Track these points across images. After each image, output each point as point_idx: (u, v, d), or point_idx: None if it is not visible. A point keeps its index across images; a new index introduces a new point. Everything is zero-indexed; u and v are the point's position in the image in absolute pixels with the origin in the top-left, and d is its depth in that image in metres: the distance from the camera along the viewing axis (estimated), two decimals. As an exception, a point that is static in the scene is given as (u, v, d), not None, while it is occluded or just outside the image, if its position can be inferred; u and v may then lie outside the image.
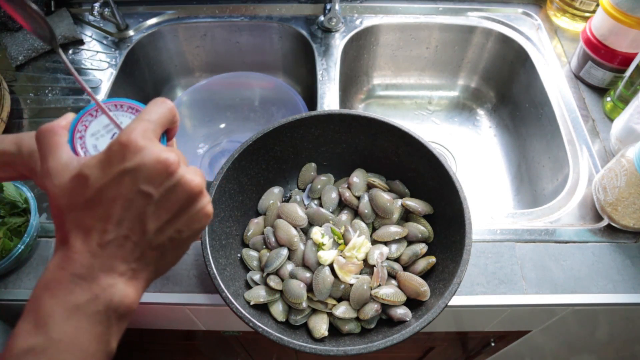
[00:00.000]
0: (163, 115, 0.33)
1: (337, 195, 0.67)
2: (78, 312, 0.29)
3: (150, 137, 0.31)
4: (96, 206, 0.30)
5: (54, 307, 0.29)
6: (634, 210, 0.64)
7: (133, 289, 0.31)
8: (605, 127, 0.81)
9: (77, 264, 0.30)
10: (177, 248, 0.33)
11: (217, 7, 1.01)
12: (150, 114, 0.33)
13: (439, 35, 1.01)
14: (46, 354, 0.28)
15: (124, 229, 0.30)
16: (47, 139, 0.33)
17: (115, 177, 0.30)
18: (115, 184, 0.30)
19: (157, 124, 0.33)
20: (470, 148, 1.02)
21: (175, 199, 0.31)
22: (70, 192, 0.31)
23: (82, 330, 0.29)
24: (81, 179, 0.30)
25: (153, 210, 0.31)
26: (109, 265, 0.30)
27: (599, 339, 0.92)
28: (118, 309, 0.31)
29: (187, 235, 0.33)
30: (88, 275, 0.30)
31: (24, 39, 0.92)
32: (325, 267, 0.58)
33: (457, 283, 0.53)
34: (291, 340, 0.51)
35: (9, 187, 0.66)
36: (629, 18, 0.76)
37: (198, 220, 0.33)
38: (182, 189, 0.31)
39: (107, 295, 0.30)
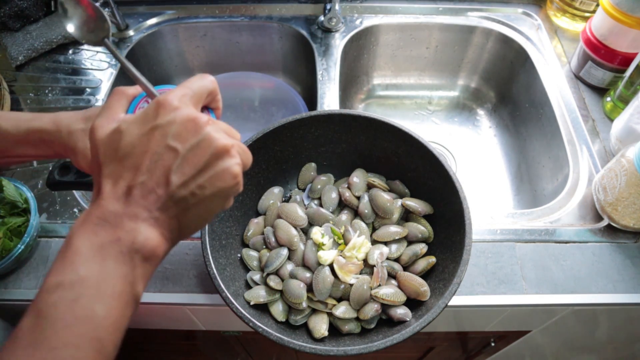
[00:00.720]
0: (203, 86, 0.36)
1: (337, 195, 0.67)
2: (103, 252, 0.31)
3: (185, 101, 0.34)
4: (127, 158, 0.32)
5: (81, 246, 0.31)
6: (634, 210, 0.64)
7: (156, 234, 0.33)
8: (605, 127, 0.81)
9: (104, 208, 0.32)
10: (199, 205, 0.34)
11: (217, 7, 1.01)
12: (190, 83, 0.36)
13: (439, 35, 1.01)
14: (74, 289, 0.30)
15: (150, 180, 0.32)
16: (110, 101, 0.37)
17: (147, 132, 0.32)
18: (146, 138, 0.32)
19: (196, 92, 0.35)
20: (470, 148, 1.02)
21: (200, 154, 0.32)
22: (107, 144, 0.33)
23: (107, 269, 0.31)
24: (117, 132, 0.33)
25: (178, 164, 0.32)
26: (133, 212, 0.32)
27: (599, 339, 0.92)
28: (141, 251, 0.32)
29: (209, 193, 0.33)
30: (112, 219, 0.32)
31: (24, 39, 0.92)
32: (325, 267, 0.58)
33: (457, 283, 0.53)
34: (291, 340, 0.51)
35: (9, 187, 0.66)
36: (629, 18, 0.76)
37: (222, 179, 0.33)
38: (207, 145, 0.32)
39: (130, 237, 0.31)
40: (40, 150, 0.47)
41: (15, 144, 0.46)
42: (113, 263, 0.31)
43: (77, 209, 0.72)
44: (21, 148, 0.47)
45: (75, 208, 0.72)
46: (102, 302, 0.30)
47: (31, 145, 0.47)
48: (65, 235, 0.69)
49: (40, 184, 0.75)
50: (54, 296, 0.30)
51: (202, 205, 0.34)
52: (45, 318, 0.29)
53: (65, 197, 0.73)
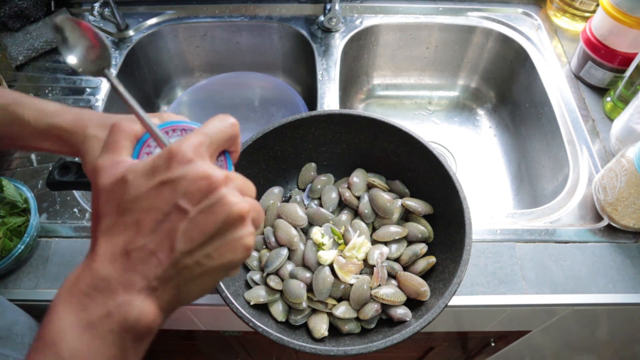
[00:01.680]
0: (223, 131, 0.31)
1: (337, 195, 0.67)
2: (91, 331, 0.27)
3: (201, 152, 0.29)
4: (129, 213, 0.28)
5: (66, 323, 0.27)
6: (634, 210, 0.64)
7: (152, 308, 0.28)
8: (605, 127, 0.81)
9: (95, 273, 0.28)
10: (204, 276, 0.29)
11: (217, 7, 1.01)
12: (209, 128, 0.31)
13: (439, 35, 1.01)
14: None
15: (152, 243, 0.28)
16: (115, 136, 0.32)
17: (154, 187, 0.28)
18: (153, 194, 0.28)
19: (214, 140, 0.30)
20: (470, 148, 1.02)
21: (211, 219, 0.28)
22: (109, 194, 0.29)
23: (94, 352, 0.27)
24: (122, 183, 0.28)
25: (186, 228, 0.28)
26: (129, 279, 0.28)
27: (599, 339, 0.92)
28: (134, 329, 0.28)
29: (216, 264, 0.29)
30: (105, 288, 0.27)
31: (24, 39, 0.92)
32: (325, 267, 0.58)
33: (457, 283, 0.53)
34: (291, 340, 0.51)
35: (9, 187, 0.66)
36: (629, 18, 0.76)
37: (232, 250, 0.29)
38: (220, 210, 0.28)
39: (122, 313, 0.27)
40: (57, 146, 0.46)
41: (33, 136, 0.46)
42: (101, 345, 0.27)
43: (77, 209, 0.72)
44: (39, 141, 0.46)
45: (75, 208, 0.72)
46: None
47: (49, 140, 0.46)
48: (65, 235, 0.69)
49: (40, 184, 0.75)
50: None
51: (207, 275, 0.29)
52: None
53: (65, 197, 0.73)
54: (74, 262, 0.66)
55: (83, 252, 0.67)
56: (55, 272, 0.65)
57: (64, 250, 0.67)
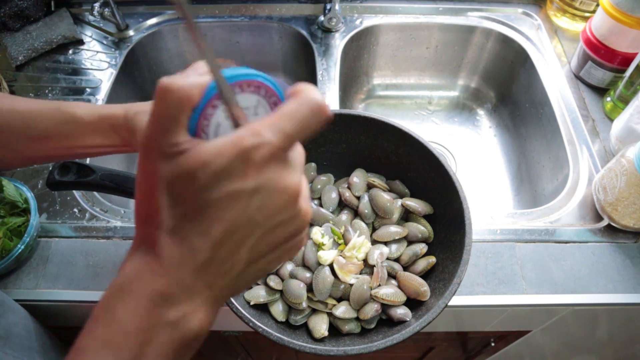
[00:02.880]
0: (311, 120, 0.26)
1: (337, 195, 0.67)
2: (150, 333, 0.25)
3: (279, 156, 0.25)
4: (198, 218, 0.25)
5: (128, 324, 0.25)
6: (634, 210, 0.64)
7: (212, 316, 0.27)
8: (605, 127, 0.81)
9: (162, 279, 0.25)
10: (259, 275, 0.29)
11: (217, 7, 1.01)
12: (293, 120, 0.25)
13: (439, 35, 1.01)
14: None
15: (222, 252, 0.26)
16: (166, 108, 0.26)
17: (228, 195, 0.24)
18: (225, 203, 0.25)
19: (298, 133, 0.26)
20: (470, 148, 1.02)
21: (281, 232, 0.27)
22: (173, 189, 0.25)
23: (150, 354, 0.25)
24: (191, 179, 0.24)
25: (256, 240, 0.26)
26: (196, 289, 0.26)
27: (599, 339, 0.92)
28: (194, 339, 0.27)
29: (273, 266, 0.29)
30: (171, 296, 0.25)
31: (24, 39, 0.92)
32: (325, 267, 0.58)
33: (457, 283, 0.53)
34: (291, 340, 0.51)
35: (9, 187, 0.66)
36: (629, 18, 0.76)
37: (292, 252, 0.29)
38: (294, 224, 0.27)
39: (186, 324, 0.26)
40: (109, 139, 0.46)
41: (87, 132, 0.46)
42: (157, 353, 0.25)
43: (77, 209, 0.72)
44: (92, 136, 0.46)
45: (75, 208, 0.72)
46: None
47: (102, 133, 0.46)
48: (65, 235, 0.69)
49: (40, 184, 0.75)
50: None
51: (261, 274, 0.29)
52: None
53: (65, 197, 0.73)
54: (74, 262, 0.66)
55: (83, 252, 0.67)
56: (55, 272, 0.65)
57: (64, 250, 0.67)
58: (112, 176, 0.59)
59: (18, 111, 0.45)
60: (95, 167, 0.59)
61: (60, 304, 0.64)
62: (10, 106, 0.45)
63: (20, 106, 0.45)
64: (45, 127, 0.45)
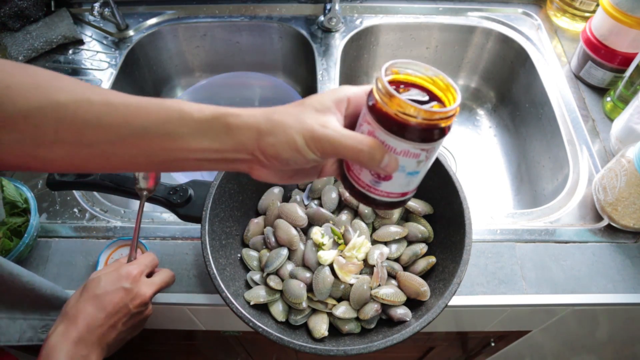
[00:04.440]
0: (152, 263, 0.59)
1: (337, 195, 0.67)
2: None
3: (145, 281, 0.56)
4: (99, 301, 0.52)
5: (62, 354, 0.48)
6: (634, 210, 0.64)
7: (101, 356, 0.52)
8: (605, 127, 0.81)
9: (80, 333, 0.50)
10: (126, 336, 0.56)
11: (217, 7, 1.01)
12: (162, 282, 0.58)
13: (439, 35, 1.01)
14: None
15: (111, 321, 0.52)
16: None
17: (117, 290, 0.53)
18: (115, 294, 0.53)
19: (148, 267, 0.58)
20: (470, 148, 1.02)
21: (140, 316, 0.56)
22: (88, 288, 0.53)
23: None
24: (94, 280, 0.54)
25: (127, 318, 0.53)
26: (98, 340, 0.51)
27: (599, 339, 0.92)
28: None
29: (135, 331, 0.58)
30: (85, 341, 0.50)
31: (24, 39, 0.92)
32: (325, 267, 0.58)
33: (457, 283, 0.53)
34: (291, 340, 0.51)
35: (9, 187, 0.66)
36: (629, 18, 0.76)
37: (144, 322, 0.58)
38: (145, 311, 0.56)
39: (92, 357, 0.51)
40: (219, 143, 0.37)
41: (193, 131, 0.37)
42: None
43: (77, 209, 0.72)
44: (199, 138, 0.37)
45: (75, 208, 0.72)
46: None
47: (211, 134, 0.37)
48: (65, 235, 0.69)
49: (40, 184, 0.75)
50: None
51: (128, 336, 0.57)
52: None
53: (65, 197, 0.73)
54: (73, 262, 0.66)
55: (83, 252, 0.67)
56: (55, 272, 0.65)
57: (64, 250, 0.67)
58: (112, 176, 0.59)
59: (112, 104, 0.36)
60: (95, 167, 0.59)
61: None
62: (104, 98, 0.37)
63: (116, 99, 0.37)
64: (143, 125, 0.36)
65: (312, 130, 0.35)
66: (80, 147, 0.37)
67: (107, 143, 0.37)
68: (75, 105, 0.36)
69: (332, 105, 0.37)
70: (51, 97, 0.35)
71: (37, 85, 0.35)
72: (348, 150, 0.35)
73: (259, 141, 0.36)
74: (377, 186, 0.38)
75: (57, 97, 0.35)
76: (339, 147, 0.35)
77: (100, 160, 0.38)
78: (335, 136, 0.35)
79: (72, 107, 0.35)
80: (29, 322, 0.58)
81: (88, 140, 0.36)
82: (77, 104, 0.36)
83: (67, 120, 0.35)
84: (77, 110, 0.36)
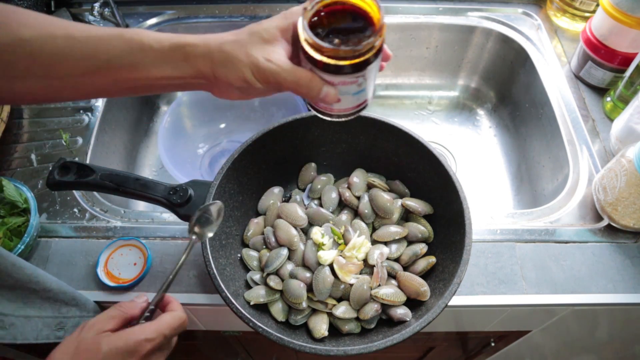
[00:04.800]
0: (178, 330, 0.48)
1: (337, 195, 0.67)
2: None
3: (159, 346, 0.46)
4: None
5: None
6: (634, 210, 0.64)
7: None
8: (605, 127, 0.81)
9: None
10: None
11: (217, 7, 1.01)
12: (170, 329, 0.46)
13: (439, 35, 1.01)
14: None
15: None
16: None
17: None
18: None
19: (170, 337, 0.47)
20: (470, 148, 1.02)
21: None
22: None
23: None
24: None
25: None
26: None
27: (599, 339, 0.92)
28: None
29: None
30: None
31: (24, 39, 0.92)
32: (325, 267, 0.58)
33: (457, 283, 0.53)
34: (291, 340, 0.51)
35: (9, 187, 0.66)
36: (629, 18, 0.76)
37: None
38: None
39: None
40: (178, 71, 0.41)
41: (155, 62, 0.41)
42: None
43: (77, 209, 0.72)
44: (161, 67, 0.41)
45: (75, 208, 0.72)
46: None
47: (172, 63, 0.41)
48: (65, 235, 0.69)
49: (40, 184, 0.75)
50: None
51: None
52: None
53: (65, 197, 0.73)
54: (73, 262, 0.66)
55: (83, 252, 0.67)
56: (55, 272, 0.65)
57: (64, 250, 0.67)
58: (112, 176, 0.59)
59: (76, 38, 0.39)
60: (95, 167, 0.59)
61: (60, 304, 0.64)
62: (66, 32, 0.39)
63: (78, 33, 0.40)
64: (107, 57, 0.40)
65: (257, 64, 0.39)
66: (51, 80, 0.40)
67: (76, 75, 0.40)
68: (40, 41, 0.38)
69: (278, 34, 0.40)
70: (16, 34, 0.38)
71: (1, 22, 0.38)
72: (289, 84, 0.39)
73: (213, 70, 0.40)
74: (332, 106, 0.43)
75: (22, 33, 0.38)
76: (281, 81, 0.39)
77: (72, 90, 0.42)
78: (277, 71, 0.39)
79: (38, 42, 0.38)
80: (43, 321, 0.57)
81: (57, 74, 0.40)
82: (42, 39, 0.38)
83: (34, 55, 0.38)
84: (42, 46, 0.38)
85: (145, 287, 0.64)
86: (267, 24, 0.41)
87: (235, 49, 0.40)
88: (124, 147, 0.92)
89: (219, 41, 0.40)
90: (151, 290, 0.64)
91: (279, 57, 0.40)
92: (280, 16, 0.41)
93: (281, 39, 0.41)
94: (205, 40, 0.41)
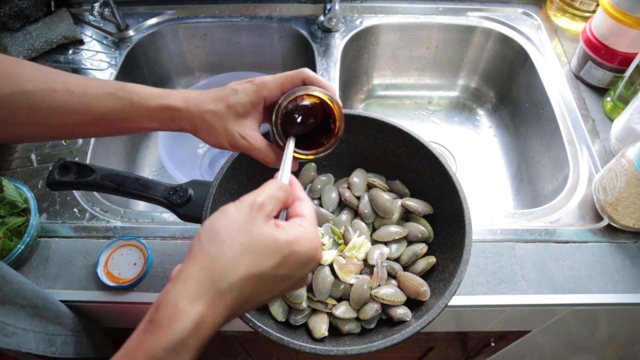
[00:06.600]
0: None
1: (337, 195, 0.67)
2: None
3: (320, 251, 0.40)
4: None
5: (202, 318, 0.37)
6: (634, 210, 0.64)
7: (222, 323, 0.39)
8: (605, 127, 0.81)
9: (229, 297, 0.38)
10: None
11: (217, 7, 1.01)
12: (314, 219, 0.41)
13: (439, 35, 1.01)
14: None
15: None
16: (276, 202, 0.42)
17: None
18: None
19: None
20: (470, 148, 1.02)
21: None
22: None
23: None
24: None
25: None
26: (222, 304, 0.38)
27: (599, 339, 0.92)
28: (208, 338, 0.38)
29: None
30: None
31: (24, 39, 0.92)
32: (325, 267, 0.58)
33: (457, 283, 0.53)
34: (291, 340, 0.51)
35: (9, 187, 0.66)
36: (629, 18, 0.76)
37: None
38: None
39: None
40: (165, 126, 0.48)
41: (144, 118, 0.47)
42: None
43: (77, 209, 0.72)
44: (147, 122, 0.47)
45: (75, 208, 0.72)
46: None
47: (159, 121, 0.47)
48: (65, 235, 0.69)
49: (40, 184, 0.75)
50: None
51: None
52: None
53: (65, 197, 0.73)
54: (73, 262, 0.66)
55: (83, 252, 0.67)
56: (55, 272, 0.65)
57: (64, 250, 0.67)
58: (112, 176, 0.59)
59: (74, 93, 0.45)
60: (95, 167, 0.59)
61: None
62: (65, 87, 0.45)
63: (76, 89, 0.45)
64: (102, 113, 0.45)
65: (233, 139, 0.47)
66: (50, 127, 0.45)
67: (73, 125, 0.45)
68: (42, 94, 0.43)
69: (251, 108, 0.48)
70: (20, 86, 0.43)
71: (6, 74, 0.42)
72: (258, 158, 0.49)
73: (195, 132, 0.48)
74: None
75: (25, 86, 0.43)
76: (252, 154, 0.49)
77: (68, 135, 0.48)
78: (249, 147, 0.48)
79: (40, 95, 0.43)
80: (36, 335, 0.57)
81: (56, 122, 0.45)
82: (44, 92, 0.44)
83: (36, 106, 0.43)
84: (44, 98, 0.43)
85: (146, 287, 0.64)
86: (243, 97, 0.47)
87: (215, 122, 0.47)
88: (124, 147, 0.92)
89: (201, 109, 0.47)
90: (151, 290, 0.64)
91: (251, 132, 0.48)
92: (254, 91, 0.48)
93: (254, 111, 0.48)
94: (187, 104, 0.47)
